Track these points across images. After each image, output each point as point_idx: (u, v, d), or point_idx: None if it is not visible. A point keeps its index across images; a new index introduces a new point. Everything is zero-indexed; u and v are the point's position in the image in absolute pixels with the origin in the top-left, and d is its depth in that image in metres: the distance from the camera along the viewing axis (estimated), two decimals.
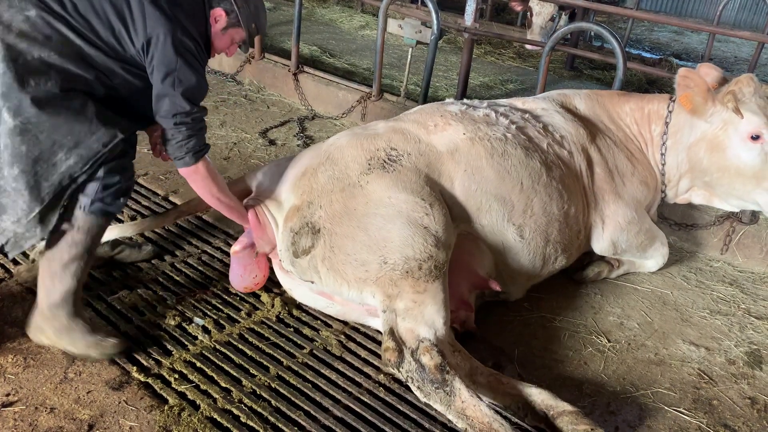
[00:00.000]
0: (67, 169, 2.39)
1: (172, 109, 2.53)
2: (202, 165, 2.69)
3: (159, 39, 2.45)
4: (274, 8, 9.56)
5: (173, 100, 2.52)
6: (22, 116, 2.29)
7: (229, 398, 2.55)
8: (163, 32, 2.44)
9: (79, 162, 2.39)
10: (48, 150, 2.35)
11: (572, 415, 2.42)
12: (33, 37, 2.32)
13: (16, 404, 2.41)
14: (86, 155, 2.40)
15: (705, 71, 3.47)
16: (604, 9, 5.51)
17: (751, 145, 3.26)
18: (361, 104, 5.65)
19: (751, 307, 3.56)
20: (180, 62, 2.49)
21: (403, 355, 2.47)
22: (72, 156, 2.38)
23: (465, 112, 3.23)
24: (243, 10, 2.73)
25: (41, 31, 2.33)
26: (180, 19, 2.50)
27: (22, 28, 2.31)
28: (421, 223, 2.68)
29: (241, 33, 2.79)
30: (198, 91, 2.60)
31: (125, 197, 2.62)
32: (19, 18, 2.31)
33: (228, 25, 2.73)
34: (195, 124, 2.61)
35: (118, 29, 2.44)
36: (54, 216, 2.44)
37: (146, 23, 2.44)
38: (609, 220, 3.38)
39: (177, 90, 2.51)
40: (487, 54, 8.58)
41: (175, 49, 2.47)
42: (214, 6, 2.69)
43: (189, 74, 2.52)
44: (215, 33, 2.73)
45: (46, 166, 2.36)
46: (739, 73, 4.42)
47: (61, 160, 2.37)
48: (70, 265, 2.53)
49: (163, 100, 2.52)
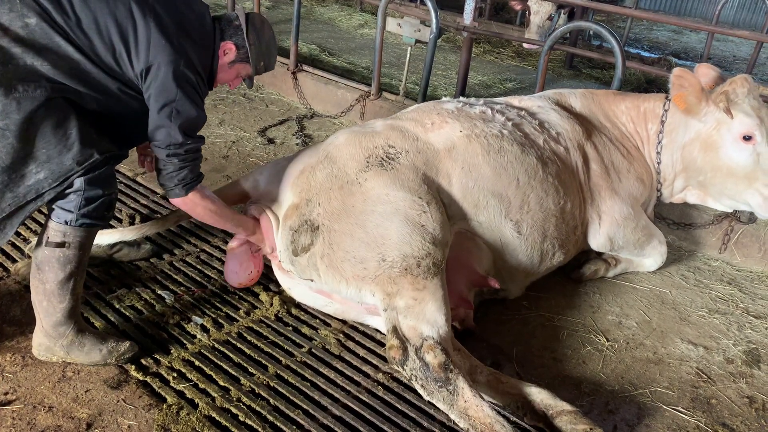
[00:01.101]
0: (35, 183, 2.30)
1: (167, 140, 2.47)
2: (194, 195, 2.62)
3: (160, 68, 2.39)
4: (273, 6, 9.55)
5: (169, 131, 2.46)
6: (4, 121, 2.20)
7: (228, 397, 2.55)
8: (165, 62, 2.39)
9: (48, 177, 2.30)
10: (20, 160, 2.26)
11: (571, 414, 2.43)
12: (29, 44, 2.23)
13: (14, 403, 2.41)
14: (57, 171, 2.31)
15: (703, 71, 3.48)
16: (603, 8, 5.50)
17: (743, 146, 3.27)
18: (359, 103, 5.65)
19: (749, 306, 3.56)
20: (180, 94, 2.43)
21: (407, 353, 2.48)
22: (43, 170, 2.29)
23: (461, 109, 3.23)
24: (254, 48, 2.69)
25: (38, 40, 2.25)
26: (186, 49, 2.45)
27: (19, 34, 2.22)
28: (419, 221, 2.68)
29: (248, 69, 2.74)
30: (195, 124, 2.54)
31: (110, 210, 2.54)
32: (17, 23, 2.23)
33: (236, 59, 2.68)
34: (188, 155, 2.54)
35: (119, 50, 2.36)
36: (11, 228, 2.34)
37: (150, 50, 2.38)
38: (605, 216, 3.39)
39: (174, 122, 2.45)
40: (486, 53, 8.58)
41: (176, 80, 2.41)
42: (226, 39, 2.64)
43: (188, 106, 2.47)
44: (222, 65, 2.67)
45: (15, 177, 2.27)
46: (737, 72, 4.42)
47: (31, 172, 2.29)
48: (67, 283, 2.48)
49: (159, 130, 2.47)
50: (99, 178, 2.42)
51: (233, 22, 2.67)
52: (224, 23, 2.66)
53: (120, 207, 3.78)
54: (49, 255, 2.44)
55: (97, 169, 2.40)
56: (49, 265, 2.45)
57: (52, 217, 2.43)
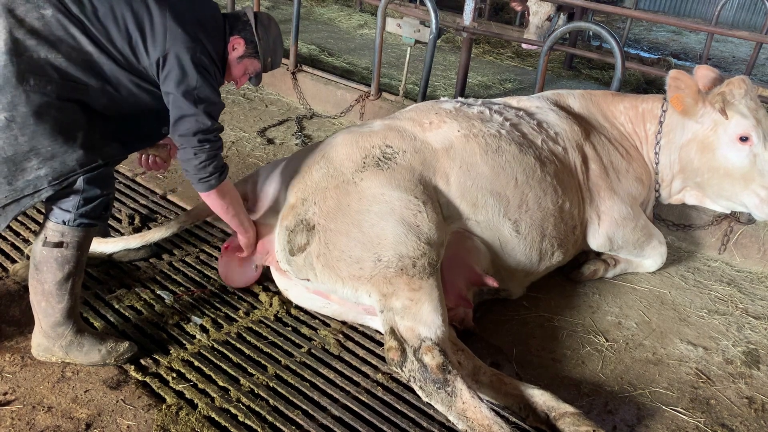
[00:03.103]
0: (34, 179, 2.30)
1: (195, 126, 2.46)
2: (224, 185, 2.64)
3: (179, 56, 2.39)
4: (272, 7, 9.55)
5: (197, 118, 2.45)
6: (11, 112, 2.21)
7: (227, 397, 2.55)
8: (183, 49, 2.39)
9: (49, 175, 2.30)
10: (23, 154, 2.26)
11: (574, 416, 2.42)
12: (44, 36, 2.23)
13: (13, 403, 2.40)
14: (59, 170, 2.31)
15: (703, 73, 3.48)
16: (602, 8, 5.51)
17: (740, 147, 3.28)
18: (359, 103, 5.65)
19: (748, 307, 3.57)
20: (200, 80, 2.43)
21: (405, 354, 2.47)
22: (44, 167, 2.29)
23: (459, 109, 3.24)
24: (263, 42, 2.70)
25: (53, 32, 2.25)
26: (201, 39, 2.46)
27: (35, 26, 2.22)
28: (414, 221, 2.68)
29: (256, 64, 2.74)
30: (217, 108, 2.55)
31: (108, 210, 2.54)
32: (33, 15, 2.23)
33: (245, 54, 2.68)
34: (216, 142, 2.55)
35: (135, 39, 2.36)
36: (4, 221, 2.34)
37: (166, 37, 2.38)
38: (604, 216, 3.39)
39: (199, 107, 2.45)
40: (486, 53, 8.58)
41: (195, 67, 2.42)
42: (235, 33, 2.65)
43: (209, 92, 2.47)
44: (231, 60, 2.68)
45: (15, 169, 2.27)
46: (737, 72, 4.42)
47: (32, 167, 2.29)
48: (65, 283, 2.48)
49: (185, 119, 2.45)
50: (98, 178, 2.43)
51: (242, 18, 2.69)
52: (233, 19, 2.68)
53: (119, 207, 3.78)
54: (47, 255, 2.43)
55: (97, 170, 2.41)
56: (47, 265, 2.45)
57: (50, 217, 2.43)
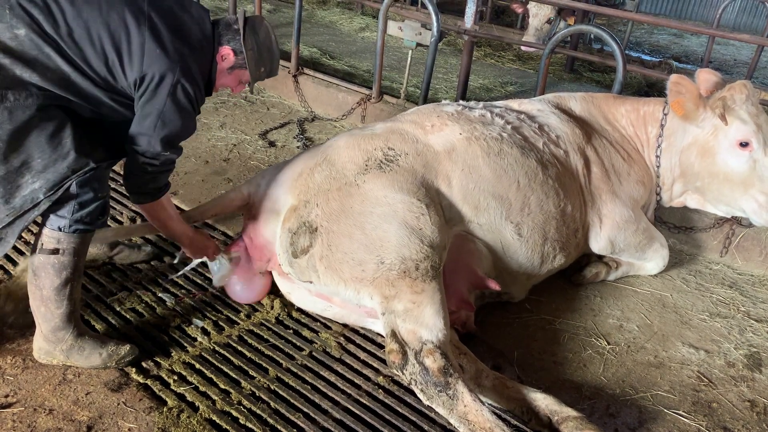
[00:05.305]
0: (30, 193, 2.28)
1: (145, 147, 2.43)
2: (158, 202, 2.60)
3: (153, 79, 2.35)
4: (274, 10, 9.57)
5: (149, 140, 2.41)
6: None
7: (228, 400, 2.55)
8: (159, 72, 2.34)
9: (44, 186, 2.28)
10: (15, 171, 2.24)
11: (577, 420, 2.42)
12: (18, 55, 2.19)
13: (14, 405, 2.41)
14: (53, 179, 2.28)
15: (705, 77, 3.48)
16: (603, 12, 5.52)
17: (740, 152, 3.27)
18: (360, 106, 5.65)
19: (750, 310, 3.56)
20: (169, 104, 2.38)
21: (407, 357, 2.47)
22: (38, 180, 2.27)
23: (461, 112, 3.24)
24: (252, 53, 2.62)
25: (27, 51, 2.21)
26: (183, 56, 2.40)
27: (9, 45, 2.19)
28: (417, 224, 2.68)
29: (247, 75, 2.67)
30: (178, 136, 2.49)
31: (104, 214, 2.51)
32: (6, 34, 2.19)
33: (236, 65, 2.62)
34: (161, 166, 2.51)
35: (111, 60, 2.32)
36: (12, 237, 2.34)
37: (143, 59, 2.33)
38: (606, 219, 3.39)
39: (157, 132, 2.40)
40: (487, 56, 8.59)
41: (168, 90, 2.37)
42: (223, 44, 2.58)
43: (175, 117, 2.42)
44: (221, 70, 2.62)
45: (10, 188, 2.26)
46: (738, 75, 4.42)
47: (27, 182, 2.27)
48: (64, 289, 2.47)
49: (141, 136, 2.42)
50: (91, 180, 2.39)
51: (232, 26, 2.60)
52: (222, 27, 2.60)
53: (121, 210, 3.78)
54: (45, 261, 2.43)
55: (89, 173, 2.37)
56: (44, 271, 2.44)
57: (46, 223, 2.42)
